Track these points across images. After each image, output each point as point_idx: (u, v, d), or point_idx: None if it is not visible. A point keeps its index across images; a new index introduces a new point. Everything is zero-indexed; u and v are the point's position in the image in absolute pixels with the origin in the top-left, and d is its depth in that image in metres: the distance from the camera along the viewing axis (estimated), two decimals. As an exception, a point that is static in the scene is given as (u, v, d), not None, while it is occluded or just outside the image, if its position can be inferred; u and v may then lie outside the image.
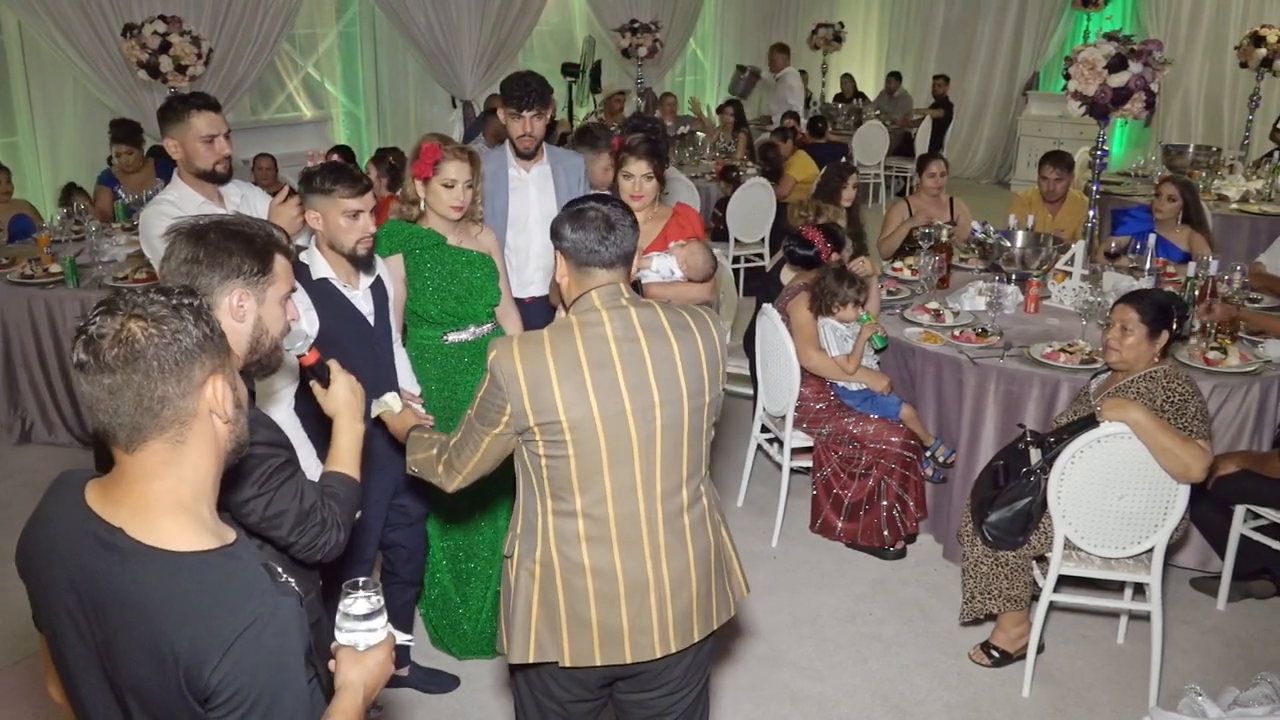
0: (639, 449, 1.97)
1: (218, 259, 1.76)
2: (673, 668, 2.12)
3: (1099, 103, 4.45)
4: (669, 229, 3.50)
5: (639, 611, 2.03)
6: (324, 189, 2.59)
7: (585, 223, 2.00)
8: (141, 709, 1.30)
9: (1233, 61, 8.97)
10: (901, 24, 13.39)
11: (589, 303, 2.01)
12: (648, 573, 2.02)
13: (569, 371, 1.93)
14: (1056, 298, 4.57)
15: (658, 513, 2.02)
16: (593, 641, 2.02)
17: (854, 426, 4.08)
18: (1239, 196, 6.93)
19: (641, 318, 2.00)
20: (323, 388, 2.02)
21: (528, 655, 2.04)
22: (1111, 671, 3.43)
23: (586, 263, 2.01)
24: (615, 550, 2.01)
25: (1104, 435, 2.99)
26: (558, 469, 1.97)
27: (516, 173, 3.70)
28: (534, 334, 2.00)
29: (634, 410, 1.95)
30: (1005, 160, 12.25)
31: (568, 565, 2.01)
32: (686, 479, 2.05)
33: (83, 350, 1.26)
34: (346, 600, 1.49)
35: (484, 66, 9.44)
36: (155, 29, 5.50)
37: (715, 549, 2.13)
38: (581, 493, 1.98)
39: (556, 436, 1.94)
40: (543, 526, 2.02)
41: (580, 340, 1.95)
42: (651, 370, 1.97)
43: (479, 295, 3.11)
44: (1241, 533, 3.65)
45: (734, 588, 2.21)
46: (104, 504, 1.32)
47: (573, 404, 1.92)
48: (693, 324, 2.05)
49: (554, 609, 2.02)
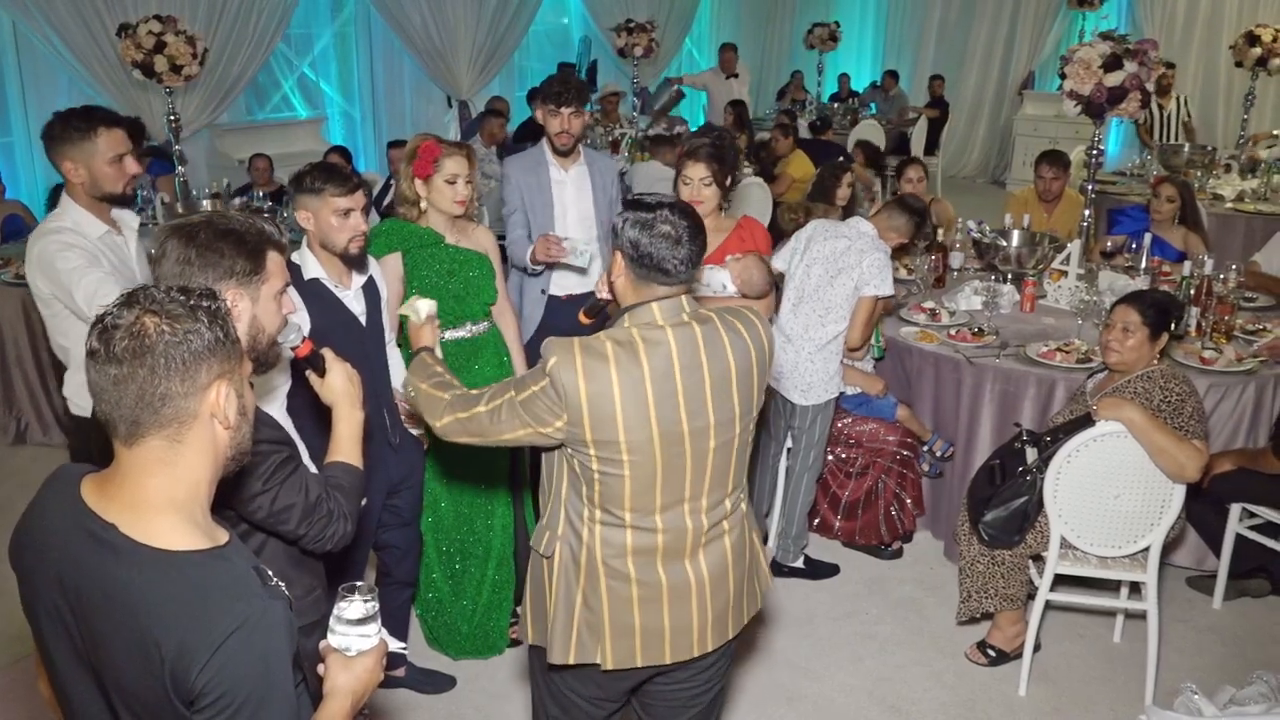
0: (691, 468, 1.96)
1: (209, 259, 1.77)
2: (704, 662, 2.13)
3: (1095, 102, 4.46)
4: (729, 242, 3.28)
5: (680, 614, 2.03)
6: (314, 188, 2.58)
7: (655, 234, 1.91)
8: (126, 707, 1.30)
9: (1228, 61, 8.98)
10: (898, 23, 13.39)
11: (649, 315, 1.94)
12: (689, 578, 2.02)
13: (632, 394, 1.88)
14: (1052, 297, 4.57)
15: (703, 525, 2.02)
16: (634, 644, 2.02)
17: (850, 427, 4.08)
18: (1234, 196, 6.94)
19: (704, 335, 1.95)
20: (319, 377, 2.00)
21: (568, 657, 2.01)
22: (1108, 670, 3.43)
23: (649, 275, 1.94)
24: (660, 560, 2.00)
25: (1100, 434, 2.99)
26: (610, 485, 1.94)
27: (556, 173, 3.66)
28: (597, 346, 1.91)
29: (690, 432, 1.93)
30: (1001, 159, 12.26)
31: (613, 573, 1.99)
32: (732, 490, 2.06)
33: (95, 339, 1.27)
34: (341, 604, 1.49)
35: (480, 66, 9.44)
36: (150, 29, 5.48)
37: (748, 546, 2.14)
38: (633, 509, 1.96)
39: (614, 455, 1.91)
40: (588, 534, 1.99)
41: (646, 362, 1.89)
42: (710, 391, 1.94)
43: (476, 294, 3.12)
44: (1237, 531, 3.66)
45: (760, 581, 2.22)
46: (99, 500, 1.32)
47: (633, 427, 1.89)
48: (744, 331, 2.02)
49: (598, 614, 2.00)
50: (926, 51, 12.82)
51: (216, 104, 7.65)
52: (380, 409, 2.83)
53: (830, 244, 3.72)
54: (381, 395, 2.84)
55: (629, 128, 9.06)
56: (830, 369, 3.72)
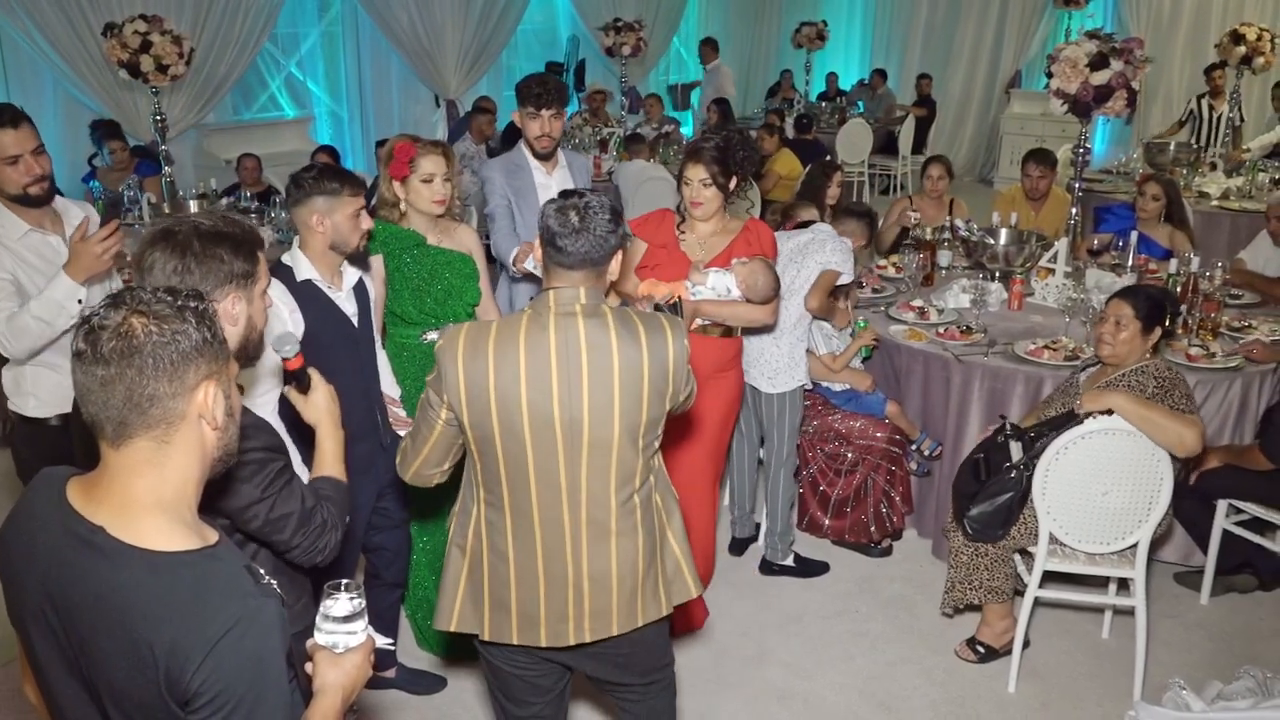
0: (564, 460, 2.01)
1: (210, 266, 1.76)
2: (617, 647, 2.19)
3: (1081, 100, 4.48)
4: (735, 244, 3.21)
5: (557, 604, 2.11)
6: (331, 190, 2.56)
7: (562, 219, 1.97)
8: (119, 711, 1.29)
9: (1213, 59, 9.02)
10: (885, 22, 13.42)
11: (544, 303, 2.00)
12: (568, 571, 2.09)
13: (507, 377, 1.95)
14: (1040, 295, 4.59)
15: (581, 519, 2.06)
16: (511, 623, 2.13)
17: (839, 423, 4.09)
18: (1220, 194, 6.97)
19: (588, 332, 1.98)
20: (300, 393, 2.00)
21: (450, 624, 2.17)
22: (1096, 666, 3.45)
23: (553, 259, 2.00)
24: (538, 547, 2.07)
25: (1089, 431, 3.00)
26: (488, 466, 2.04)
27: (540, 177, 3.57)
28: (481, 329, 2.00)
29: (562, 421, 1.98)
30: (988, 158, 12.30)
31: (494, 552, 2.10)
32: (615, 490, 2.06)
33: (82, 340, 1.27)
34: (328, 601, 1.48)
35: (468, 65, 9.42)
36: (136, 28, 5.45)
37: (646, 553, 2.13)
38: (509, 491, 2.04)
39: (487, 435, 2.00)
40: (476, 513, 2.12)
41: (523, 344, 1.96)
42: (586, 387, 1.97)
43: (459, 295, 3.10)
44: (1224, 527, 3.68)
45: (671, 590, 2.21)
46: (85, 502, 1.31)
47: (505, 408, 1.96)
48: (645, 337, 2.01)
49: (479, 587, 2.13)
50: (914, 50, 12.85)
51: (203, 104, 7.62)
52: (371, 410, 2.82)
53: (793, 240, 3.80)
54: (372, 396, 2.84)
55: (616, 127, 9.07)
56: (795, 355, 3.73)
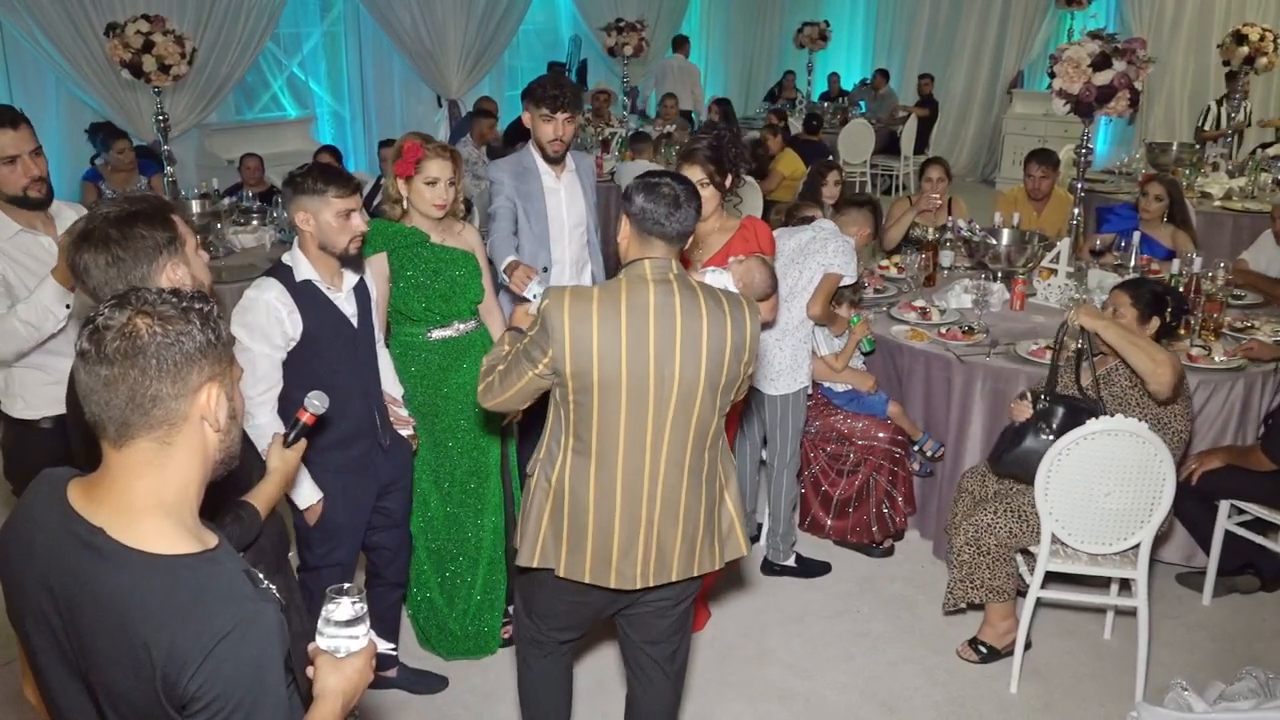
0: (653, 411, 2.20)
1: (135, 247, 1.80)
2: (664, 595, 2.40)
3: (1084, 101, 4.47)
4: (733, 243, 3.22)
5: (628, 548, 2.28)
6: (316, 190, 2.56)
7: (657, 196, 2.18)
8: (116, 713, 1.29)
9: (1216, 59, 9.01)
10: (887, 23, 13.42)
11: (640, 270, 2.20)
12: (641, 516, 2.27)
13: (609, 333, 2.13)
14: (1042, 295, 4.59)
15: (660, 469, 2.25)
16: (585, 562, 2.29)
17: (841, 423, 4.09)
18: (1222, 194, 6.97)
19: (682, 296, 2.19)
20: (285, 443, 2.07)
21: (533, 560, 2.32)
22: (1098, 667, 3.45)
23: (649, 232, 2.20)
24: (618, 493, 2.25)
25: (1091, 432, 3.00)
26: (583, 417, 2.21)
27: (549, 181, 3.54)
28: (585, 291, 2.18)
29: (655, 377, 2.17)
30: (990, 158, 12.29)
31: (575, 496, 2.26)
32: (692, 445, 2.26)
33: (86, 339, 1.27)
34: (330, 605, 1.48)
35: (470, 65, 9.43)
36: (138, 28, 5.45)
37: (707, 509, 2.34)
38: (598, 439, 2.21)
39: (586, 385, 2.17)
40: (562, 457, 2.27)
41: (624, 306, 2.15)
42: (679, 345, 2.16)
43: (462, 293, 3.11)
44: (1226, 528, 3.67)
45: (725, 547, 2.43)
46: (86, 504, 1.31)
47: (605, 362, 2.14)
48: (729, 309, 2.23)
49: (559, 527, 2.30)
50: (916, 50, 12.85)
51: (205, 104, 7.63)
52: (370, 410, 2.82)
53: (795, 238, 3.77)
54: (371, 396, 2.83)
55: (619, 127, 9.07)
56: (798, 357, 3.72)
